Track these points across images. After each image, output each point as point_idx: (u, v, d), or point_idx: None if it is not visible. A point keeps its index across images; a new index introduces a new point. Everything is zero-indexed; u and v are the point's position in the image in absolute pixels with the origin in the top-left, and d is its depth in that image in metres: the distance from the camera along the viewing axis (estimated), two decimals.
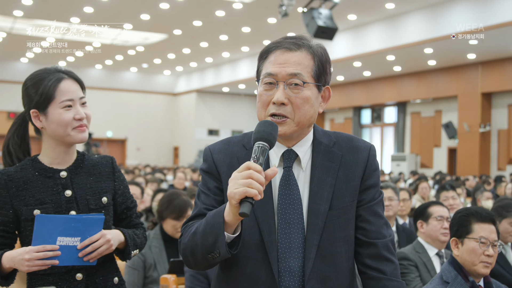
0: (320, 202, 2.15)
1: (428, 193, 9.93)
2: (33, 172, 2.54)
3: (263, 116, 2.16)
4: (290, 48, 2.15)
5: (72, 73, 2.61)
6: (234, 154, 2.22)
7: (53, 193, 2.51)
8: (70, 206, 2.52)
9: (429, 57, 19.95)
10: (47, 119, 2.51)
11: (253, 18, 18.13)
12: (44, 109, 2.51)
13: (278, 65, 2.14)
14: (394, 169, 23.23)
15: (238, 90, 30.19)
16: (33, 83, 2.53)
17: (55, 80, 2.51)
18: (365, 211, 2.22)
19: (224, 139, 2.32)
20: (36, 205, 2.47)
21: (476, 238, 3.15)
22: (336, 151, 2.22)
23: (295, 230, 2.12)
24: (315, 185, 2.17)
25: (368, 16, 18.10)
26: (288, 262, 2.11)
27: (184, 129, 32.10)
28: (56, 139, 2.54)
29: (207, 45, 22.59)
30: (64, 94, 2.52)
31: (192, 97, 31.47)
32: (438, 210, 4.49)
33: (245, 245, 2.11)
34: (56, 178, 2.55)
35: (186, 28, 19.76)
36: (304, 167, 2.20)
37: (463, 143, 21.33)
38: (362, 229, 2.21)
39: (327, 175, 2.18)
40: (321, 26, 12.87)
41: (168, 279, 3.85)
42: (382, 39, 18.38)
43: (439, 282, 3.12)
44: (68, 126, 2.51)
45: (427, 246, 4.47)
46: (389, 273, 2.19)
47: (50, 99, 2.50)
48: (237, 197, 1.87)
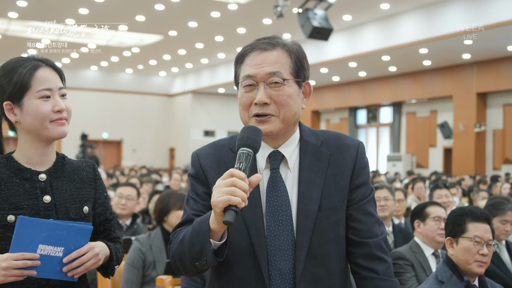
0: (309, 203, 2.13)
1: (424, 193, 9.94)
2: (8, 172, 2.24)
3: (247, 117, 2.16)
4: (265, 48, 2.15)
5: (50, 61, 2.33)
6: (221, 158, 2.21)
7: (30, 197, 2.23)
8: (48, 214, 2.24)
9: (424, 57, 19.97)
10: (22, 111, 2.23)
11: (248, 19, 18.14)
12: (18, 100, 2.23)
13: (255, 66, 2.14)
14: (390, 169, 23.25)
15: (233, 91, 30.15)
16: (6, 71, 2.25)
17: (31, 67, 2.25)
18: (356, 210, 2.20)
19: (211, 143, 2.31)
20: (10, 210, 2.17)
21: (470, 238, 3.16)
22: (324, 150, 2.20)
23: (284, 232, 2.11)
24: (303, 186, 2.15)
25: (363, 17, 18.12)
26: (278, 265, 2.09)
27: (180, 130, 32.08)
28: (33, 134, 2.26)
29: (203, 46, 22.59)
30: (41, 83, 2.24)
31: (187, 98, 31.45)
32: (436, 211, 4.50)
33: (235, 249, 2.10)
34: (35, 181, 2.27)
35: (181, 29, 19.76)
36: (291, 168, 2.19)
37: (459, 143, 21.37)
38: (353, 229, 2.20)
39: (315, 175, 2.16)
40: (316, 27, 12.89)
41: (164, 280, 3.85)
42: (377, 39, 18.41)
43: (434, 281, 3.13)
44: (46, 119, 2.23)
45: (424, 246, 4.48)
46: (382, 273, 2.18)
47: (25, 88, 2.22)
48: (221, 206, 1.85)
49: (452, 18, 15.77)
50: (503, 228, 4.68)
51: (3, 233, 2.17)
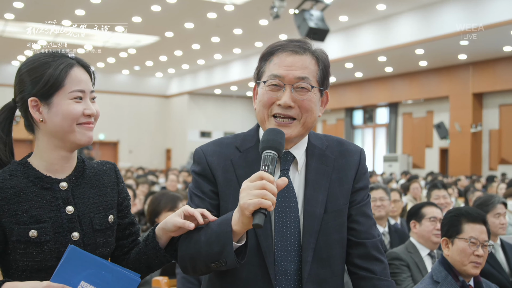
0: (316, 205, 2.15)
1: (419, 193, 9.95)
2: (26, 180, 2.02)
3: (265, 115, 2.15)
4: (296, 51, 2.14)
5: (84, 61, 2.15)
6: (228, 156, 2.20)
7: (51, 209, 2.01)
8: (72, 226, 2.02)
9: (421, 58, 20.01)
10: (50, 110, 2.02)
11: (244, 20, 18.15)
12: (47, 98, 2.02)
13: (285, 68, 2.12)
14: (386, 170, 23.27)
15: (230, 92, 30.17)
16: (36, 66, 2.04)
17: (67, 65, 2.05)
18: (355, 211, 2.24)
19: (215, 140, 2.29)
20: (31, 224, 1.95)
21: (466, 239, 3.17)
22: (329, 155, 2.24)
23: (291, 233, 2.12)
24: (310, 189, 2.17)
25: (359, 17, 18.14)
26: (284, 265, 2.11)
27: (176, 131, 32.07)
28: (57, 137, 2.04)
29: (199, 47, 22.59)
30: (75, 84, 2.05)
31: (184, 99, 31.44)
32: (432, 211, 4.51)
33: None
34: (55, 190, 2.04)
35: (178, 30, 19.76)
36: (299, 170, 2.21)
37: (455, 144, 21.40)
38: (352, 230, 2.23)
39: (321, 178, 2.19)
40: (312, 28, 12.91)
41: (160, 281, 3.86)
42: (374, 40, 18.44)
43: (429, 282, 3.14)
44: (75, 121, 2.03)
45: (419, 246, 4.49)
46: (379, 273, 2.21)
47: (58, 86, 2.02)
48: (251, 208, 1.83)
49: (448, 19, 15.81)
50: (498, 222, 4.71)
51: (25, 249, 1.95)
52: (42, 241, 1.95)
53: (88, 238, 2.05)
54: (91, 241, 2.05)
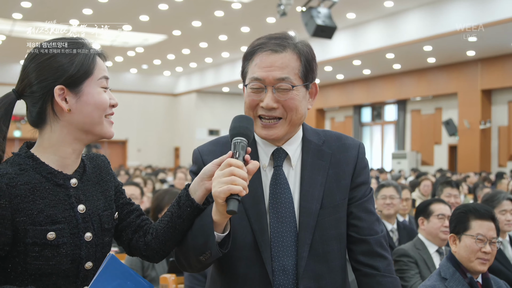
0: (311, 201, 2.15)
1: (429, 190, 9.94)
2: (38, 176, 1.85)
3: (251, 117, 2.13)
4: (276, 50, 2.11)
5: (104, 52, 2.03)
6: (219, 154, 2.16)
7: (66, 208, 1.87)
8: (86, 226, 1.90)
9: (429, 55, 19.94)
10: (79, 99, 1.87)
11: (252, 18, 18.14)
12: (76, 86, 1.87)
13: (264, 69, 2.11)
14: (394, 167, 23.22)
15: (238, 90, 30.17)
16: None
17: (94, 52, 1.94)
18: (357, 208, 2.22)
19: (213, 140, 2.30)
20: (47, 225, 1.80)
21: (473, 235, 3.15)
22: (326, 150, 2.23)
23: (287, 229, 2.12)
24: (306, 184, 2.17)
25: (367, 15, 18.10)
26: (281, 261, 2.11)
27: (184, 129, 32.10)
28: (83, 128, 1.91)
29: (207, 45, 22.60)
30: (102, 71, 1.94)
31: (192, 97, 31.48)
32: (440, 208, 4.50)
33: (238, 245, 2.11)
34: (68, 188, 1.90)
35: (185, 28, 19.77)
36: (294, 166, 2.20)
37: (464, 140, 21.33)
38: (354, 226, 2.21)
39: (317, 174, 2.19)
40: (320, 25, 12.87)
41: (168, 278, 3.86)
42: (382, 37, 18.38)
43: (437, 278, 3.13)
44: (105, 111, 1.93)
45: (428, 243, 4.48)
46: (383, 269, 2.19)
47: (88, 74, 1.89)
48: (222, 195, 1.85)
49: (456, 15, 15.74)
50: (504, 218, 4.70)
51: (39, 252, 1.79)
52: (59, 243, 1.82)
53: (98, 238, 1.94)
54: (100, 241, 1.96)
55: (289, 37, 2.17)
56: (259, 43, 2.16)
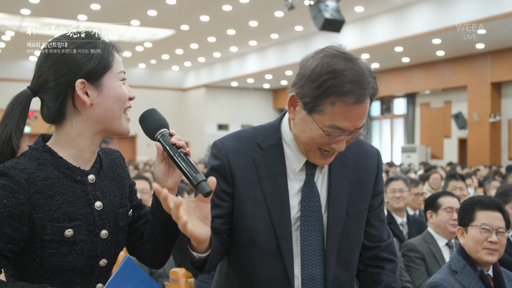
0: (338, 208, 2.14)
1: (439, 184, 9.92)
2: (56, 171, 1.82)
3: (312, 148, 2.05)
4: (363, 100, 1.95)
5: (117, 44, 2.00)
6: (249, 153, 2.13)
7: (83, 204, 1.85)
8: (103, 224, 1.89)
9: (438, 48, 19.84)
10: (100, 92, 1.86)
11: (259, 12, 18.11)
12: (97, 80, 1.85)
13: (349, 120, 1.97)
14: (404, 161, 23.17)
15: (246, 84, 30.16)
16: (78, 45, 1.87)
17: (110, 45, 1.93)
18: (373, 216, 2.25)
19: (235, 134, 2.21)
20: (65, 221, 1.79)
21: (478, 225, 3.15)
22: (350, 156, 2.21)
23: (315, 237, 2.11)
24: (333, 191, 2.15)
25: (375, 8, 18.03)
26: (310, 269, 2.09)
27: (193, 124, 32.12)
28: (103, 122, 1.89)
29: (215, 39, 22.59)
30: (120, 64, 1.94)
31: (201, 92, 31.48)
32: (448, 201, 4.48)
33: (261, 252, 2.09)
34: (86, 184, 1.88)
35: (193, 23, 19.76)
36: (322, 172, 2.18)
37: (474, 133, 21.24)
38: (366, 233, 2.25)
39: (343, 180, 2.17)
40: (328, 19, 12.82)
41: (178, 272, 3.88)
42: (390, 30, 18.31)
43: (448, 271, 3.12)
44: (124, 104, 1.92)
45: (437, 237, 4.47)
46: (387, 270, 2.25)
47: (108, 67, 1.88)
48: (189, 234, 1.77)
49: (465, 8, 15.65)
50: None
51: (56, 248, 1.78)
52: (76, 240, 1.80)
53: (113, 235, 1.93)
54: (115, 238, 1.94)
55: (372, 81, 2.00)
56: (346, 87, 1.93)
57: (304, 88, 1.99)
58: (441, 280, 3.04)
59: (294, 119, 2.08)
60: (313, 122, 1.99)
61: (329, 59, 1.97)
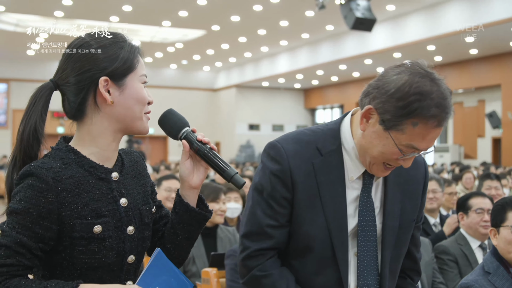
0: (393, 219, 2.14)
1: (472, 183, 9.81)
2: (81, 170, 1.85)
3: (377, 162, 2.04)
4: (444, 124, 1.97)
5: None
6: (309, 158, 2.08)
7: (109, 201, 1.88)
8: (128, 220, 1.91)
9: (471, 46, 19.61)
10: (122, 92, 1.88)
11: (290, 12, 18.09)
12: (120, 79, 1.88)
13: (427, 141, 1.97)
14: (437, 160, 22.93)
15: (277, 84, 30.14)
16: (107, 44, 1.90)
17: (136, 47, 1.95)
18: (416, 229, 2.29)
19: (294, 136, 2.14)
20: (93, 218, 1.82)
21: (509, 226, 3.11)
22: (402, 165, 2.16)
23: (371, 247, 2.11)
24: (389, 201, 2.14)
25: (407, 6, 17.87)
26: (366, 280, 2.10)
27: (224, 124, 32.21)
28: (124, 122, 1.92)
29: (246, 40, 22.62)
30: (143, 68, 1.95)
31: (232, 92, 31.56)
32: (479, 203, 4.41)
33: (316, 259, 2.08)
34: (110, 181, 1.91)
35: (224, 23, 19.82)
36: (377, 182, 2.16)
37: (508, 133, 20.92)
38: (410, 244, 2.29)
39: (396, 190, 2.16)
40: (359, 18, 12.75)
41: (209, 272, 3.89)
42: (422, 29, 18.13)
43: (480, 272, 3.08)
44: (144, 106, 1.94)
45: (470, 238, 4.42)
46: (416, 281, 2.34)
47: (132, 68, 1.90)
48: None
49: (498, 5, 15.44)
50: None
51: (86, 245, 1.81)
52: (105, 236, 1.83)
53: (139, 232, 1.94)
54: (141, 234, 1.96)
55: (451, 102, 2.00)
56: (432, 114, 1.92)
57: (387, 104, 1.95)
58: (472, 281, 3.00)
59: (364, 131, 2.03)
60: (389, 138, 1.97)
61: (418, 78, 1.94)
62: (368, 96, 2.02)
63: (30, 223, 1.74)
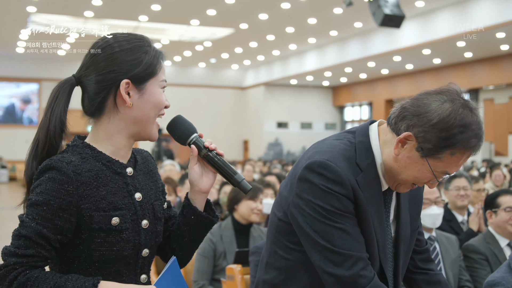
0: (406, 228, 2.18)
1: (502, 180, 9.70)
2: (99, 164, 1.91)
3: (407, 182, 2.07)
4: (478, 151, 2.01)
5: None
6: (354, 176, 2.04)
7: (125, 195, 1.93)
8: (143, 214, 1.97)
9: (502, 42, 19.35)
10: (141, 95, 1.93)
11: (318, 9, 18.04)
12: (141, 83, 1.93)
13: (459, 167, 2.03)
14: None
15: (305, 82, 30.10)
16: (132, 48, 1.94)
17: (160, 53, 2.00)
18: (419, 235, 2.38)
19: (341, 153, 2.07)
20: (110, 210, 1.87)
21: None
22: None
23: (388, 258, 2.15)
24: (402, 211, 2.18)
25: (436, 2, 17.69)
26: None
27: (253, 122, 32.25)
28: (139, 124, 1.96)
29: (274, 38, 22.62)
30: (163, 73, 2.00)
31: (260, 90, 31.58)
32: (507, 201, 4.36)
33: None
34: (125, 176, 1.97)
35: (252, 21, 19.84)
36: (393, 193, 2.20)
37: None
38: (417, 240, 2.36)
39: (405, 199, 2.21)
40: (388, 15, 12.66)
41: (234, 269, 3.92)
42: (452, 25, 17.93)
43: (507, 269, 3.05)
44: (160, 111, 1.99)
45: (498, 237, 4.37)
46: (435, 269, 2.38)
47: (153, 73, 1.95)
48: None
49: None
50: None
51: (104, 238, 1.85)
52: (122, 228, 1.88)
53: (152, 226, 2.00)
54: (154, 229, 2.01)
55: (484, 130, 2.06)
56: (472, 145, 1.96)
57: (429, 134, 1.95)
58: (499, 278, 2.98)
59: (398, 155, 2.03)
60: (425, 165, 1.99)
61: (461, 109, 1.96)
62: (405, 121, 2.02)
63: (50, 214, 1.78)
